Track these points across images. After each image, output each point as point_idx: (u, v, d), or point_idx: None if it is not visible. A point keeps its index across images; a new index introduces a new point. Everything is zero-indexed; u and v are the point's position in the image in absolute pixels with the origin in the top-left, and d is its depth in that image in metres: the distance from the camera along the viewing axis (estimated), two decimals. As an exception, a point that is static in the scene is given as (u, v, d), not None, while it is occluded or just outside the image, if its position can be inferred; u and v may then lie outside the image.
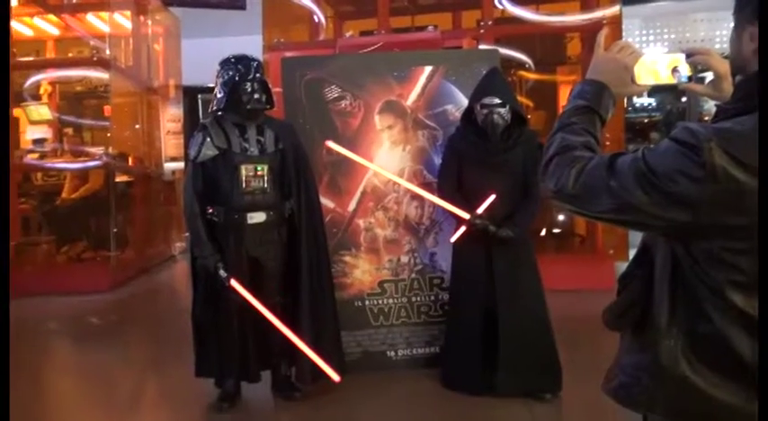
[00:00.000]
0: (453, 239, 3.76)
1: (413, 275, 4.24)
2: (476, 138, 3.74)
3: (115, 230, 7.20)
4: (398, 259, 4.24)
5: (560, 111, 4.77)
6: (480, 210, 3.63)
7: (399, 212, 4.24)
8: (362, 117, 4.22)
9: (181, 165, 9.26)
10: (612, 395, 1.37)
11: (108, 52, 7.22)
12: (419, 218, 4.26)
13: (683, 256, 1.24)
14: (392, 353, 4.22)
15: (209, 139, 3.58)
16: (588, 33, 6.43)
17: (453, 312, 3.92)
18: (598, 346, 4.57)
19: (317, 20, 7.68)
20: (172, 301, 6.85)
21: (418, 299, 4.24)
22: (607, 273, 6.06)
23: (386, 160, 4.23)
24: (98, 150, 7.66)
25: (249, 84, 3.54)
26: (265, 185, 3.60)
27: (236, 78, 3.54)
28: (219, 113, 3.64)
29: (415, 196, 4.23)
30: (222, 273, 3.50)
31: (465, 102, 4.28)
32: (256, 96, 3.56)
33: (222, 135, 3.59)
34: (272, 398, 3.90)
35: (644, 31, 12.41)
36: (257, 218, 3.60)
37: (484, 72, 4.33)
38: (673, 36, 13.12)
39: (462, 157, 3.78)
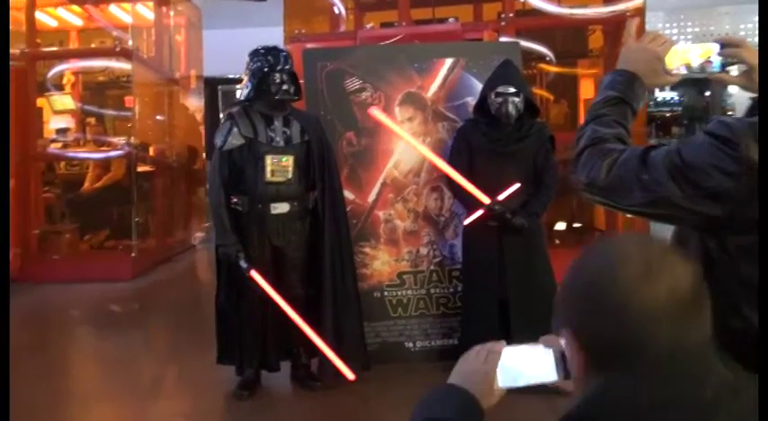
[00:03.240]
0: (467, 222, 3.74)
1: (432, 267, 4.25)
2: (488, 127, 3.75)
3: (137, 220, 7.26)
4: (417, 251, 4.25)
5: (581, 104, 4.75)
6: (502, 197, 3.62)
7: (419, 204, 4.25)
8: (382, 108, 4.21)
9: (190, 155, 9.33)
10: None
11: (131, 43, 7.28)
12: (439, 209, 4.26)
13: (715, 251, 1.23)
14: (410, 345, 4.23)
15: (235, 129, 3.61)
16: (611, 26, 6.37)
17: (467, 304, 3.92)
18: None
19: (337, 11, 7.68)
20: (192, 290, 6.93)
21: (437, 290, 4.25)
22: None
23: (406, 152, 4.24)
24: (120, 140, 7.74)
25: (278, 74, 3.57)
26: (290, 176, 3.63)
27: (265, 69, 3.56)
28: (247, 103, 3.66)
29: (434, 188, 4.24)
30: (243, 263, 3.53)
31: (486, 94, 4.28)
32: (285, 87, 3.58)
33: (249, 125, 3.62)
34: (291, 388, 3.94)
35: (667, 24, 12.26)
36: (281, 208, 3.63)
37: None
38: (696, 29, 12.95)
39: (473, 147, 3.77)
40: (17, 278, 6.80)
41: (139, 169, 7.55)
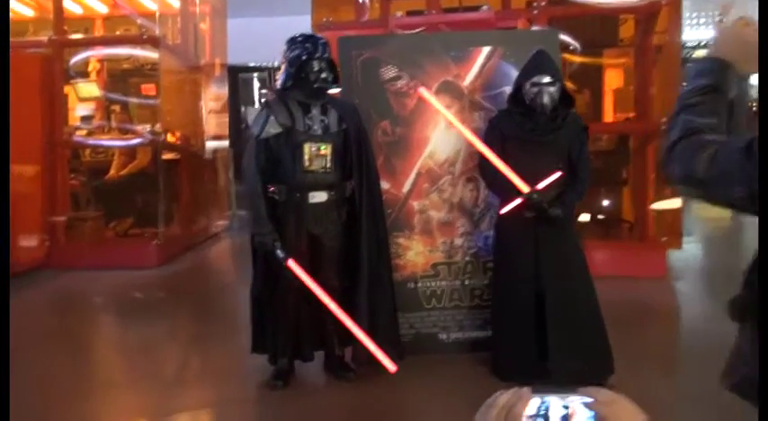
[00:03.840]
0: (504, 211, 3.67)
1: (467, 258, 4.20)
2: (522, 117, 3.68)
3: (162, 207, 7.27)
4: (452, 241, 4.21)
5: (605, 94, 4.60)
6: (541, 186, 3.56)
7: (454, 194, 4.20)
8: (418, 97, 4.17)
9: (222, 143, 9.33)
10: (737, 390, 1.31)
11: (158, 31, 7.25)
12: (474, 200, 4.21)
13: None
14: (444, 336, 4.20)
15: (272, 117, 3.58)
16: (644, 15, 6.25)
17: (500, 295, 3.86)
18: (646, 333, 4.54)
19: (361, 0, 7.60)
20: (218, 279, 6.95)
21: (471, 282, 4.20)
22: (658, 262, 5.97)
23: (441, 142, 4.19)
24: (145, 128, 7.74)
25: (316, 62, 3.53)
26: (328, 165, 3.59)
27: (304, 57, 3.53)
28: (284, 91, 3.63)
29: (470, 179, 4.19)
30: (280, 252, 3.50)
31: (523, 83, 4.21)
32: (323, 75, 3.55)
33: (286, 113, 3.59)
34: (325, 378, 3.92)
35: (694, 14, 12.06)
36: (319, 197, 3.60)
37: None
38: (719, 18, 12.75)
39: (506, 137, 3.71)
40: (43, 265, 6.84)
41: (164, 157, 7.54)
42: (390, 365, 3.29)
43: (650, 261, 5.96)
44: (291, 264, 3.49)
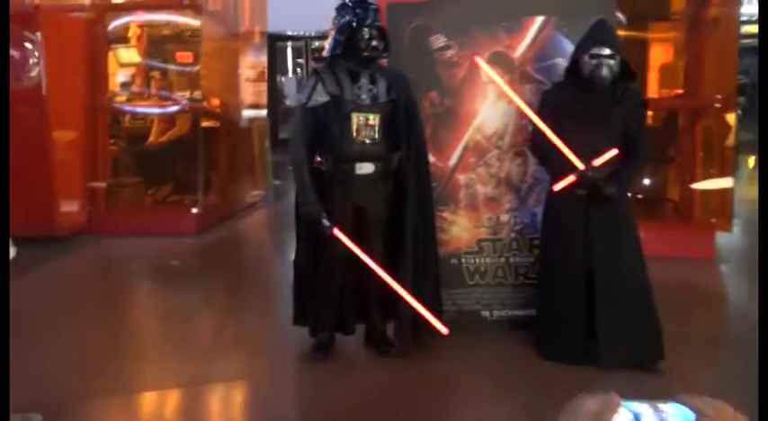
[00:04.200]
0: (558, 187, 3.55)
1: (512, 235, 4.10)
2: (579, 91, 3.54)
3: (201, 175, 7.27)
4: (498, 218, 4.11)
5: (649, 70, 4.34)
6: (597, 163, 3.43)
7: (502, 169, 4.09)
8: (468, 68, 4.05)
9: (259, 112, 9.27)
10: None
11: (201, -4, 7.17)
12: (522, 175, 4.09)
13: None
14: (487, 314, 4.12)
15: (320, 85, 3.49)
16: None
17: (548, 274, 3.75)
18: (694, 317, 4.42)
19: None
20: (256, 249, 6.95)
21: (516, 259, 4.11)
22: (706, 243, 5.80)
23: (490, 114, 4.07)
24: (184, 95, 7.71)
25: (367, 29, 3.43)
26: (376, 136, 3.50)
27: (354, 23, 3.42)
28: (332, 59, 3.53)
29: (518, 153, 4.07)
30: (325, 222, 3.44)
31: (577, 55, 4.06)
32: (374, 43, 3.45)
33: (334, 81, 3.49)
34: (365, 352, 3.88)
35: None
36: (366, 168, 3.52)
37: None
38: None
39: (562, 111, 3.56)
40: (85, 230, 6.90)
41: (203, 124, 7.51)
42: (443, 328, 3.24)
43: (698, 242, 5.79)
44: (337, 232, 3.43)
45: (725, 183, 5.99)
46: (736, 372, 3.64)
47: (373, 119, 3.49)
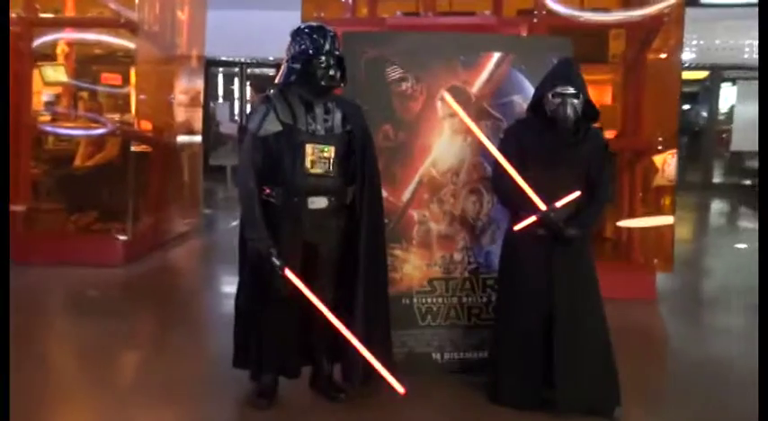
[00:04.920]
0: (519, 227, 3.44)
1: (465, 274, 3.98)
2: (541, 130, 3.46)
3: (131, 202, 6.89)
4: (451, 256, 3.98)
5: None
6: (559, 204, 3.35)
7: (456, 206, 3.97)
8: (424, 102, 3.94)
9: (192, 138, 8.93)
10: None
11: (136, 15, 6.84)
12: (476, 213, 3.99)
13: None
14: (437, 356, 3.96)
15: (273, 113, 3.28)
16: (643, 31, 6.13)
17: (505, 316, 3.61)
18: (633, 358, 4.37)
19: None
20: (187, 282, 6.57)
21: (469, 300, 3.98)
22: (646, 283, 5.83)
23: (445, 150, 3.96)
24: (115, 117, 7.34)
25: (325, 58, 3.25)
26: (330, 168, 3.31)
27: (311, 51, 3.24)
28: (285, 86, 3.34)
29: (473, 190, 3.98)
30: (276, 260, 3.21)
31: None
32: (332, 73, 3.27)
33: (287, 110, 3.29)
34: (312, 397, 3.65)
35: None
36: (318, 203, 3.31)
37: (555, 62, 4.06)
38: (702, 42, 12.87)
39: (525, 150, 3.47)
40: (-2, 257, 6.39)
41: (135, 149, 7.15)
42: (399, 387, 3.06)
43: (636, 282, 5.81)
44: (288, 272, 3.21)
45: (665, 221, 6.05)
46: (687, 416, 3.62)
47: (328, 151, 3.30)
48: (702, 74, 14.13)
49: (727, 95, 14.90)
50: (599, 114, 3.52)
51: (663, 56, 6.15)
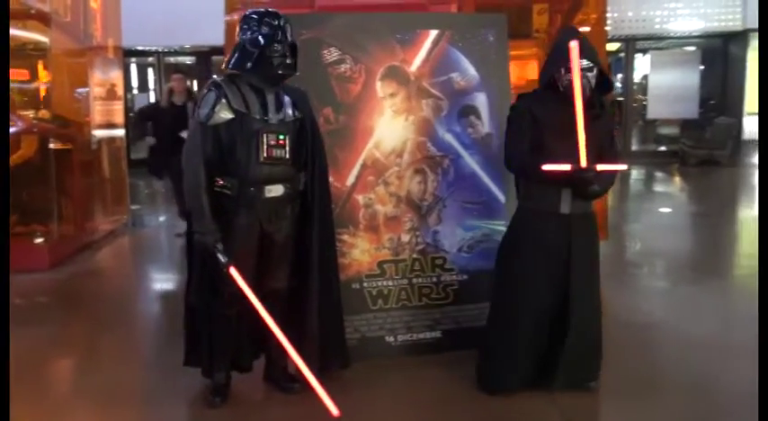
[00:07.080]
0: (547, 168, 3.19)
1: (414, 255, 3.95)
2: (558, 104, 3.30)
3: (53, 202, 6.55)
4: (399, 238, 3.94)
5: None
6: (600, 168, 3.22)
7: (401, 187, 3.93)
8: (363, 83, 3.87)
9: (113, 132, 8.57)
10: None
11: (48, 6, 6.46)
12: (422, 193, 3.96)
13: None
14: (391, 339, 3.93)
15: (224, 100, 3.13)
16: (567, 5, 6.23)
17: (513, 296, 3.42)
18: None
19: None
20: (119, 283, 6.27)
21: (419, 280, 3.96)
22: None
23: (388, 131, 3.91)
24: (29, 114, 6.95)
25: (280, 45, 3.11)
26: (287, 156, 3.20)
27: (265, 39, 3.10)
28: (234, 74, 3.19)
29: (418, 170, 3.94)
30: (222, 257, 3.09)
31: (471, 70, 4.02)
32: (288, 61, 3.14)
33: (239, 97, 3.15)
34: (265, 390, 3.56)
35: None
36: (275, 191, 3.20)
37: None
38: (615, 15, 13.24)
39: (542, 123, 3.31)
40: None
41: (55, 146, 6.79)
42: (333, 409, 2.99)
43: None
44: (233, 271, 3.10)
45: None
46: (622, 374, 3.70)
47: (283, 138, 3.18)
48: (616, 45, 14.55)
49: (641, 65, 15.41)
50: (613, 86, 3.44)
51: (586, 29, 6.25)
